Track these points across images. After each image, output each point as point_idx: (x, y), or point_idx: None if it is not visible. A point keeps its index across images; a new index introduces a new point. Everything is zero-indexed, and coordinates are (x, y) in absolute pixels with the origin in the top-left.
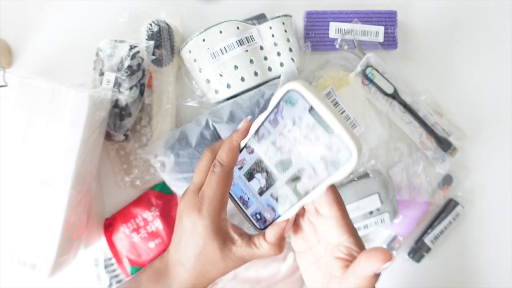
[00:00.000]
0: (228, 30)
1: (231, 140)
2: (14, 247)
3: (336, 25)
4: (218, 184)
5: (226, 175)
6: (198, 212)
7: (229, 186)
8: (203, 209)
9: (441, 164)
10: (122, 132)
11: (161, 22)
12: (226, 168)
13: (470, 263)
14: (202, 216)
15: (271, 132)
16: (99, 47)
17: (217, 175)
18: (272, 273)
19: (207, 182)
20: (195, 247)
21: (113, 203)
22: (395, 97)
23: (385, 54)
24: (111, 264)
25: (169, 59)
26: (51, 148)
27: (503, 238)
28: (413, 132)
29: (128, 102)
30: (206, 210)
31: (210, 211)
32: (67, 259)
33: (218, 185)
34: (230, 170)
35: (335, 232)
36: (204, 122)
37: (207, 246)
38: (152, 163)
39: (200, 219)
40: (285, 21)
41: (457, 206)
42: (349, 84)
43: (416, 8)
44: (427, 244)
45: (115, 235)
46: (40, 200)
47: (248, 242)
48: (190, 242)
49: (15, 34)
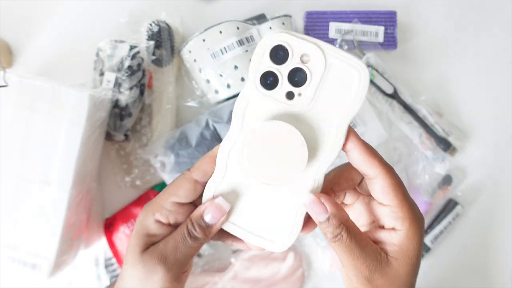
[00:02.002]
0: (228, 30)
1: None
2: (14, 247)
3: (336, 25)
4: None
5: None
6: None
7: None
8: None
9: (441, 164)
10: (122, 132)
11: (161, 22)
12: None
13: (470, 263)
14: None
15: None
16: (99, 47)
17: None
18: (272, 273)
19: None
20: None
21: (113, 203)
22: (395, 97)
23: (385, 54)
24: (111, 264)
25: (169, 59)
26: (51, 148)
27: (502, 238)
28: (413, 132)
29: (128, 102)
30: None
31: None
32: (67, 259)
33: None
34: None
35: (390, 224)
36: (204, 122)
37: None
38: (152, 163)
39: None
40: (285, 21)
41: (457, 206)
42: None
43: (416, 8)
44: (427, 244)
45: (115, 235)
46: (40, 200)
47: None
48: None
49: (15, 34)
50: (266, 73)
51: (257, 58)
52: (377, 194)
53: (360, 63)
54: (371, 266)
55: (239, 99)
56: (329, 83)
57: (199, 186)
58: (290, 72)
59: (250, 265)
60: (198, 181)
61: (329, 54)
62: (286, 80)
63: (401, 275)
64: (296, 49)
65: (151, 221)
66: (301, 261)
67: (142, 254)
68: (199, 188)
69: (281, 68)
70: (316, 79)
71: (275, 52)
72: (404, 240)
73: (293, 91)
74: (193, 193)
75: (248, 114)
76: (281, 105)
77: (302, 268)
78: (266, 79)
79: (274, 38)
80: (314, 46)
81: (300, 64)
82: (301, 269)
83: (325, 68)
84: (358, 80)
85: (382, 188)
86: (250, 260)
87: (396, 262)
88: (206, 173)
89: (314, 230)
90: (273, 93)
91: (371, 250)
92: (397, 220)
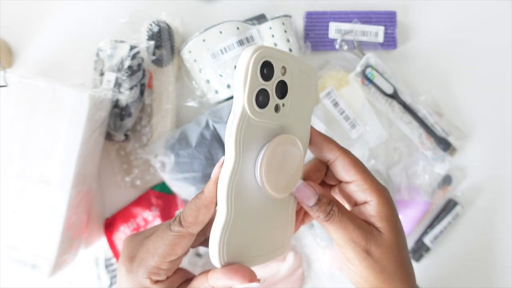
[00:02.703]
0: (228, 31)
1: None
2: (14, 247)
3: (336, 26)
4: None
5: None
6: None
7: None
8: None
9: (441, 164)
10: (122, 132)
11: (161, 22)
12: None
13: (470, 263)
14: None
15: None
16: (99, 47)
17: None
18: (272, 273)
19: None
20: None
21: (113, 203)
22: (395, 97)
23: (385, 54)
24: (111, 264)
25: (169, 59)
26: (51, 148)
27: (502, 238)
28: (413, 132)
29: (129, 102)
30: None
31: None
32: (67, 259)
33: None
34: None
35: (360, 198)
36: (204, 122)
37: None
38: (152, 163)
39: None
40: (285, 21)
41: (457, 206)
42: (349, 84)
43: (416, 8)
44: (427, 244)
45: (115, 235)
46: (40, 200)
47: None
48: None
49: (15, 34)
50: (260, 91)
51: (252, 77)
52: (341, 174)
53: (312, 66)
54: (366, 236)
55: (236, 125)
56: (296, 88)
57: (195, 237)
58: (276, 86)
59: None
60: (195, 234)
61: (295, 64)
62: (274, 95)
63: (392, 243)
64: (277, 63)
65: (148, 282)
66: (301, 261)
67: None
68: (194, 238)
69: (269, 84)
70: (290, 87)
71: (262, 68)
72: (379, 207)
73: (279, 103)
74: (190, 245)
75: (245, 138)
76: (271, 118)
77: (302, 268)
78: (259, 97)
79: (261, 54)
80: (288, 58)
81: (281, 77)
82: (301, 269)
83: (293, 77)
84: (311, 80)
85: (343, 167)
86: None
87: (383, 230)
88: (203, 223)
89: (314, 231)
90: (266, 110)
91: (362, 223)
92: (364, 192)
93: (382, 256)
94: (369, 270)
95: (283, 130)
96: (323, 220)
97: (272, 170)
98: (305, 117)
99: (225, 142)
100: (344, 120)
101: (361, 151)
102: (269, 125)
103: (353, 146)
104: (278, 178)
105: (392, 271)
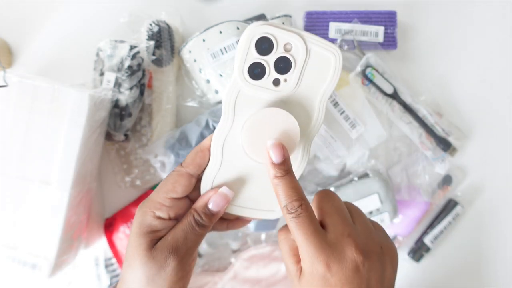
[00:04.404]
0: (228, 31)
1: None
2: (14, 246)
3: (336, 25)
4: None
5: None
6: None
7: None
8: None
9: (441, 164)
10: (122, 132)
11: (161, 22)
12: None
13: (470, 263)
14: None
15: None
16: (99, 47)
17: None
18: (272, 273)
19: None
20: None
21: (113, 203)
22: (395, 97)
23: (385, 54)
24: (111, 264)
25: (169, 59)
26: (51, 148)
27: (502, 238)
28: (413, 132)
29: (128, 102)
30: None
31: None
32: (67, 259)
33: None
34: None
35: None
36: (204, 122)
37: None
38: (152, 163)
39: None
40: (285, 21)
41: (457, 206)
42: (349, 84)
43: (416, 8)
44: (427, 244)
45: (115, 235)
46: (40, 200)
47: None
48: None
49: (15, 34)
50: (254, 64)
51: (243, 51)
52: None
53: (335, 47)
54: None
55: (229, 91)
56: (310, 67)
57: (193, 180)
58: (276, 61)
59: (250, 265)
60: (192, 175)
61: (309, 41)
62: (273, 69)
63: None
64: (280, 39)
65: (152, 218)
66: None
67: (151, 251)
68: (194, 181)
69: (267, 58)
70: (299, 65)
71: (260, 43)
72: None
73: (279, 78)
74: (189, 187)
75: (238, 104)
76: (269, 91)
77: None
78: (254, 70)
79: (258, 31)
80: (295, 35)
81: (284, 53)
82: None
83: (306, 54)
84: (334, 62)
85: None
86: (250, 260)
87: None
88: (200, 167)
89: None
90: (261, 82)
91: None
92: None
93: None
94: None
95: (285, 104)
96: (290, 216)
97: (255, 136)
98: (317, 98)
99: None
100: (344, 120)
101: (361, 151)
102: (269, 97)
103: (353, 146)
104: (259, 144)
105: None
